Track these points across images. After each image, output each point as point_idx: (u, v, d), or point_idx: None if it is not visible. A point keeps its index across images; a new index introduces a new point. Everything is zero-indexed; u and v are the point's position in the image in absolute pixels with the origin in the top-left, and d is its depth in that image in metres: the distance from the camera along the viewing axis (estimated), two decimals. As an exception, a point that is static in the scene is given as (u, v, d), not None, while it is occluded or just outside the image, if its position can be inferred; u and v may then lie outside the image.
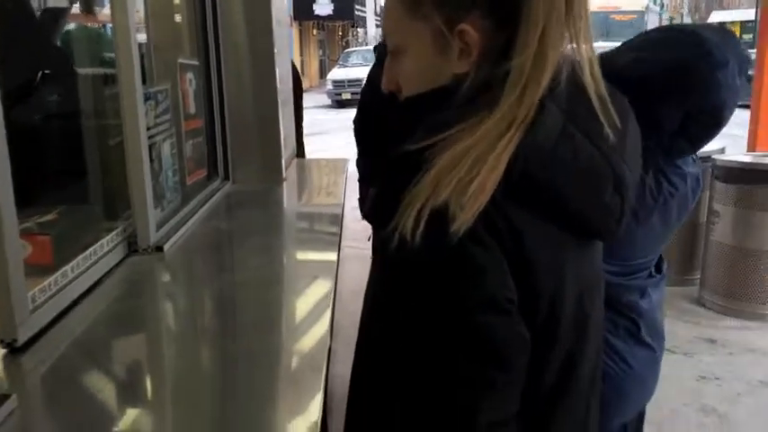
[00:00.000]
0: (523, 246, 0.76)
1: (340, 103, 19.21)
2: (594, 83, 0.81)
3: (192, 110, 2.39)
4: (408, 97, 0.87)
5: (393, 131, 0.87)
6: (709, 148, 4.34)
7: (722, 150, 4.61)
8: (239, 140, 2.74)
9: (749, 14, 25.46)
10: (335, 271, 1.81)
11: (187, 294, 1.71)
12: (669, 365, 1.84)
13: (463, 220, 0.72)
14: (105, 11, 2.20)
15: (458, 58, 0.81)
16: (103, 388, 1.20)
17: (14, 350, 1.23)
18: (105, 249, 1.67)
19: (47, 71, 2.03)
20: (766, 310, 4.00)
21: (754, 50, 6.93)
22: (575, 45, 0.80)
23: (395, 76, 0.88)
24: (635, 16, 23.39)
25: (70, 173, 1.94)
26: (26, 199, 1.45)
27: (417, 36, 0.83)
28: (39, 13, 2.52)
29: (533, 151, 0.76)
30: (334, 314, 1.50)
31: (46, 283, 1.39)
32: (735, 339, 3.77)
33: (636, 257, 1.55)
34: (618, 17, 23.02)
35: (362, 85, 2.84)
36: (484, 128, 0.75)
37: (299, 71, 4.14)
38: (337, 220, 2.37)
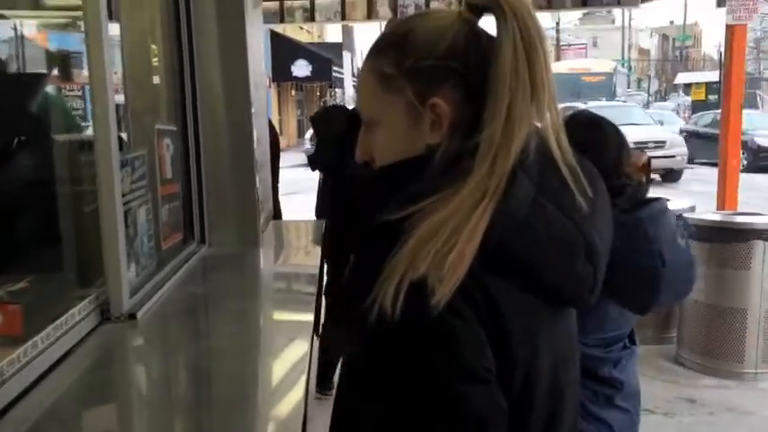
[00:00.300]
0: (500, 315, 0.78)
1: (317, 162, 19.34)
2: (562, 152, 0.84)
3: (169, 174, 2.39)
4: (382, 167, 0.89)
5: (368, 201, 0.89)
6: (680, 206, 4.44)
7: (692, 209, 4.70)
8: (216, 203, 2.74)
9: (714, 76, 26.37)
10: (312, 333, 1.79)
11: (160, 364, 1.68)
12: (650, 427, 1.84)
13: (442, 293, 0.73)
14: (84, 72, 2.22)
15: (429, 130, 0.84)
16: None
17: (-21, 426, 1.18)
18: (77, 318, 1.63)
19: (23, 137, 2.03)
20: (743, 368, 4.01)
21: (719, 111, 7.13)
22: (540, 115, 0.82)
23: (369, 147, 0.90)
24: (604, 78, 24.13)
25: (43, 239, 1.91)
26: (-3, 267, 1.43)
27: (391, 109, 0.86)
28: (17, 77, 2.54)
29: (507, 222, 0.77)
30: (310, 377, 1.48)
31: (15, 354, 1.35)
32: (714, 398, 3.76)
33: (610, 331, 1.58)
34: (588, 79, 23.74)
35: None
36: (458, 198, 0.77)
37: (278, 131, 4.17)
38: (314, 279, 2.36)
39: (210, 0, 2.65)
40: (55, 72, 2.62)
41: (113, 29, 1.99)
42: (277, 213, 3.84)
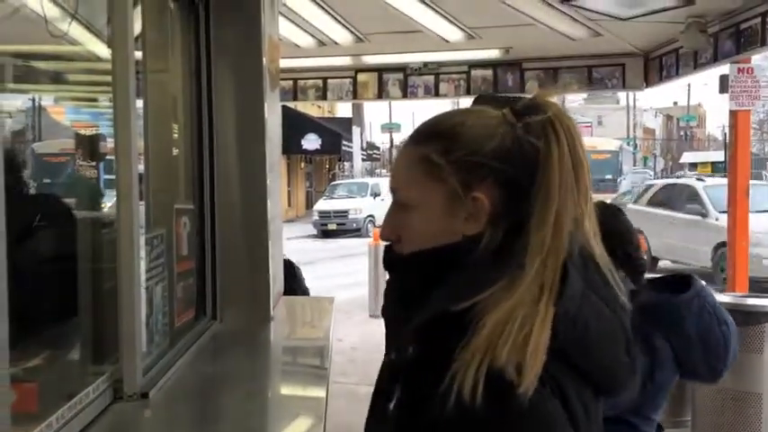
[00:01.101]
0: (567, 398, 0.82)
1: (325, 233, 19.46)
2: (602, 253, 0.90)
3: (185, 251, 2.43)
4: (416, 252, 0.91)
5: (406, 290, 0.91)
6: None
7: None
8: (228, 280, 2.76)
9: (719, 156, 26.70)
10: (324, 410, 1.79)
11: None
12: None
13: (529, 380, 0.77)
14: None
15: (465, 220, 0.88)
16: None
17: None
18: (91, 397, 1.64)
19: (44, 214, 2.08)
20: (759, 455, 3.91)
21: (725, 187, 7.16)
22: (581, 217, 0.87)
23: (397, 227, 0.93)
24: (610, 156, 24.39)
25: (58, 316, 1.93)
26: (12, 343, 1.44)
27: (430, 195, 0.90)
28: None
29: (566, 315, 0.82)
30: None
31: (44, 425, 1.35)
32: (730, 487, 3.65)
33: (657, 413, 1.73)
34: (595, 156, 24.00)
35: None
36: (519, 291, 0.81)
37: (287, 202, 4.17)
38: (325, 355, 2.36)
39: (230, 83, 2.75)
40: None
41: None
42: (305, 290, 3.83)
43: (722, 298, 4.36)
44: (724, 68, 5.59)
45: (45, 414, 1.44)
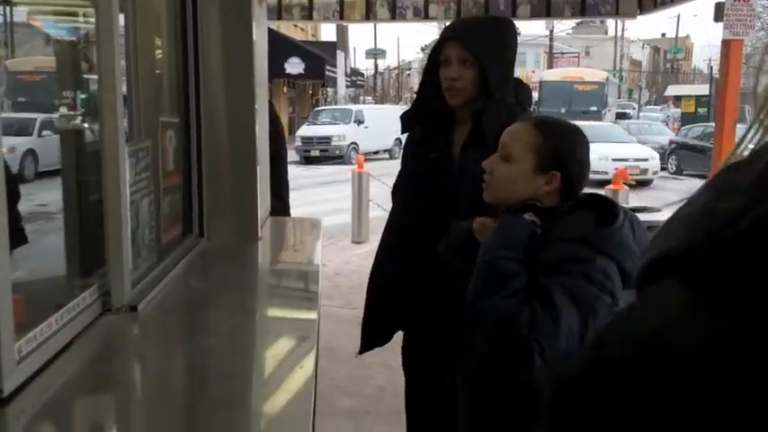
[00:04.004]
0: None
1: (308, 160, 19.31)
2: None
3: (171, 166, 2.38)
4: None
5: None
6: (660, 218, 4.46)
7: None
8: (215, 197, 2.72)
9: (704, 90, 26.59)
10: (317, 331, 1.78)
11: (163, 358, 1.67)
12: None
13: None
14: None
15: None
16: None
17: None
18: (79, 308, 1.62)
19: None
20: None
21: (712, 124, 7.18)
22: None
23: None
24: (596, 87, 24.21)
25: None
26: None
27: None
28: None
29: None
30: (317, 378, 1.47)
31: (17, 345, 1.33)
32: None
33: None
34: (580, 87, 23.81)
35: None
36: None
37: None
38: (316, 278, 2.35)
39: (216, -6, 2.63)
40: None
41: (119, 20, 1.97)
42: (286, 210, 3.78)
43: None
44: (720, -5, 5.49)
45: (33, 324, 1.42)
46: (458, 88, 1.93)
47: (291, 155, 19.72)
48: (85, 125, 2.08)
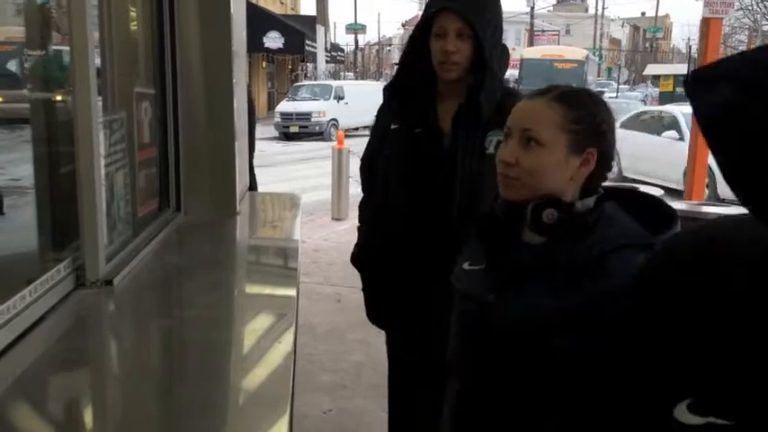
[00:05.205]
0: None
1: (287, 136, 19.15)
2: None
3: (146, 139, 2.33)
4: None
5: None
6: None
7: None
8: (192, 170, 2.68)
9: (682, 69, 26.77)
10: (296, 308, 1.76)
11: (137, 334, 1.64)
12: None
13: None
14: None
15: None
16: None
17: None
18: (51, 282, 1.58)
19: None
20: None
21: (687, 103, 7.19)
22: None
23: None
24: (576, 65, 24.26)
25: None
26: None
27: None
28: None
29: None
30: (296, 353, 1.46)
31: (2, 307, 1.30)
32: None
33: None
34: (560, 65, 23.83)
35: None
36: None
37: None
38: (295, 254, 2.32)
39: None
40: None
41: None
42: (253, 185, 3.76)
43: (678, 205, 4.46)
44: (701, -26, 5.47)
45: (2, 298, 1.39)
46: (454, 62, 1.86)
47: (270, 131, 19.61)
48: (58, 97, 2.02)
